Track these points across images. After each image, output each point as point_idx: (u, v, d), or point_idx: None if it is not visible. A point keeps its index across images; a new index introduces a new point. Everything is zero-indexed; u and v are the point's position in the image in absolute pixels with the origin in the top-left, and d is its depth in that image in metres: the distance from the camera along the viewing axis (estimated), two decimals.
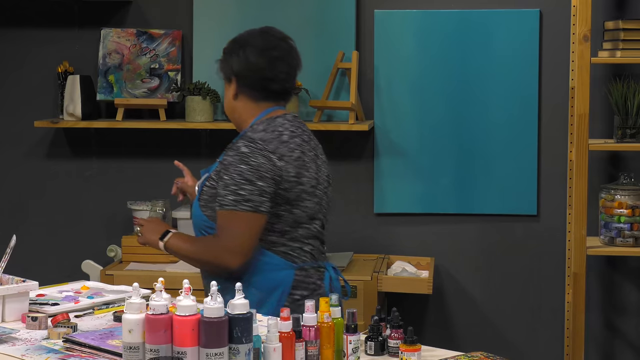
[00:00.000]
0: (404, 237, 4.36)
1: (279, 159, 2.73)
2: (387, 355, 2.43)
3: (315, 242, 2.85)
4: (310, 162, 2.82)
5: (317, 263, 2.85)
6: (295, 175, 2.75)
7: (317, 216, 2.83)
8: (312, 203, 2.80)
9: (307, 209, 2.79)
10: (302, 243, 2.81)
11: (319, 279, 2.85)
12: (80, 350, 2.40)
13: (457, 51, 4.24)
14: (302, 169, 2.77)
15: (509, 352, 4.29)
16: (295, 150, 2.78)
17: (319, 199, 2.83)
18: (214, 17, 4.33)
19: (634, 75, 4.14)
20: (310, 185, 2.80)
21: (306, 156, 2.81)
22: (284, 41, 2.88)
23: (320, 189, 2.85)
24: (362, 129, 4.11)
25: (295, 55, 2.90)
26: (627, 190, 4.01)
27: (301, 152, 2.79)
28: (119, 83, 4.33)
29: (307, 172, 2.79)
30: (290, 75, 2.87)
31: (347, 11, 4.26)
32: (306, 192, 2.78)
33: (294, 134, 2.80)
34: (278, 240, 2.78)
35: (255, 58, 2.82)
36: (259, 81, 2.83)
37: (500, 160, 4.26)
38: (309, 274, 2.83)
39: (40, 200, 4.52)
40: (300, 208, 2.78)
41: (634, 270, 4.30)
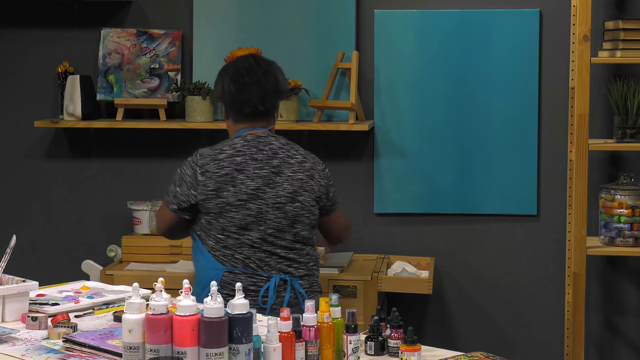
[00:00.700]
0: (404, 237, 4.36)
1: (202, 174, 3.08)
2: (387, 355, 2.43)
3: (251, 251, 3.08)
4: (250, 179, 3.07)
5: (251, 270, 3.08)
6: (214, 189, 3.06)
7: (251, 227, 3.07)
8: (240, 215, 3.06)
9: (234, 220, 3.06)
10: (233, 251, 3.08)
11: (251, 285, 3.07)
12: (80, 350, 2.40)
13: (457, 51, 4.24)
14: (227, 184, 3.06)
15: (509, 352, 4.29)
16: (225, 167, 3.08)
17: (254, 212, 3.07)
18: (214, 17, 4.33)
19: (634, 75, 4.14)
20: (238, 198, 3.06)
21: (242, 173, 3.07)
22: (259, 66, 3.19)
23: (259, 203, 3.07)
24: (362, 129, 4.11)
25: (272, 80, 3.18)
26: (627, 190, 4.01)
27: (234, 169, 3.08)
28: (119, 83, 4.33)
29: (233, 188, 3.06)
30: (265, 98, 3.16)
31: (347, 11, 4.26)
32: (230, 204, 3.06)
33: (238, 153, 3.10)
34: (215, 245, 3.10)
35: (228, 85, 3.17)
36: (232, 105, 3.18)
37: (500, 161, 4.26)
38: (238, 277, 3.06)
39: (40, 200, 4.52)
40: (226, 218, 3.07)
41: (634, 270, 4.30)
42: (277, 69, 3.23)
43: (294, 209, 3.09)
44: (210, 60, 4.32)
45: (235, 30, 4.32)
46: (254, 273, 3.07)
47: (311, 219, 3.14)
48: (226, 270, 3.08)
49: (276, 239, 3.09)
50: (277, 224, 3.08)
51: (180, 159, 3.31)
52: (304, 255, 3.15)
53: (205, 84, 4.21)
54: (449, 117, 4.27)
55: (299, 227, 3.11)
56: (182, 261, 4.08)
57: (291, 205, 3.09)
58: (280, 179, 3.09)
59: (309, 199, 3.12)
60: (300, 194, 3.10)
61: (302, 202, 3.11)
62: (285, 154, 3.13)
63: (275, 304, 3.06)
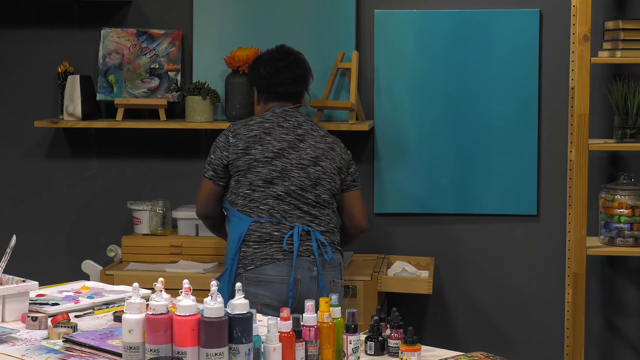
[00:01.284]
0: (404, 237, 4.36)
1: (233, 136, 3.45)
2: (387, 355, 2.43)
3: (276, 202, 3.38)
4: (276, 141, 3.43)
5: (275, 220, 3.37)
6: (243, 148, 3.42)
7: (275, 182, 3.39)
8: (266, 170, 3.39)
9: (260, 174, 3.39)
10: (259, 202, 3.39)
11: (276, 231, 3.36)
12: (80, 350, 2.40)
13: (457, 51, 4.24)
14: (255, 143, 3.42)
15: (509, 352, 4.29)
16: (254, 130, 3.45)
17: (279, 169, 3.39)
18: (214, 17, 4.33)
19: (634, 75, 4.14)
20: (264, 155, 3.40)
21: (270, 135, 3.44)
22: (291, 54, 3.64)
23: (284, 162, 3.41)
24: (362, 129, 4.12)
25: (301, 65, 3.63)
26: (627, 190, 4.01)
27: (262, 131, 3.44)
28: (119, 83, 4.33)
29: (260, 146, 3.42)
30: (296, 80, 3.59)
31: (347, 11, 4.26)
32: (258, 160, 3.40)
33: (267, 120, 3.48)
34: (243, 202, 3.40)
35: (264, 68, 3.58)
36: (268, 86, 3.57)
37: (500, 160, 4.26)
38: (263, 225, 3.37)
39: (40, 200, 4.52)
40: (253, 173, 3.40)
41: (634, 270, 4.30)
42: (305, 59, 3.67)
43: (316, 171, 3.43)
44: (210, 60, 4.32)
45: (235, 30, 4.32)
46: (278, 222, 3.37)
47: (332, 185, 3.46)
48: (252, 221, 3.37)
49: (299, 195, 3.40)
50: (300, 183, 3.40)
51: (180, 159, 3.33)
52: (324, 215, 3.44)
53: (205, 84, 4.21)
54: (448, 117, 4.27)
55: (320, 189, 3.43)
56: (182, 261, 4.09)
57: (313, 168, 3.43)
58: (304, 145, 3.45)
59: (330, 166, 3.46)
60: (322, 160, 3.45)
61: (324, 167, 3.44)
62: (310, 127, 3.51)
63: (300, 251, 3.35)
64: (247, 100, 4.15)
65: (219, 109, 4.31)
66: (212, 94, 4.19)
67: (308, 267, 3.35)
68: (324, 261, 3.37)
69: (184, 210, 4.21)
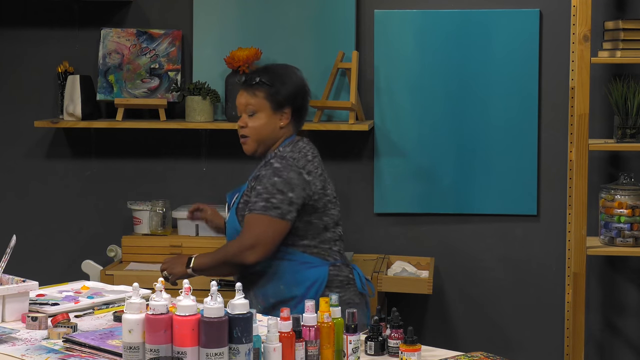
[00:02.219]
0: (404, 237, 4.36)
1: (307, 174, 3.10)
2: (387, 355, 2.43)
3: (341, 244, 3.21)
4: (328, 177, 3.20)
5: (346, 261, 3.21)
6: (321, 188, 3.13)
7: (339, 222, 3.21)
8: (335, 211, 3.18)
9: (333, 216, 3.17)
10: (331, 244, 3.16)
11: (350, 273, 3.18)
12: (80, 350, 2.40)
13: (457, 51, 4.24)
14: (325, 182, 3.15)
15: (509, 352, 4.29)
16: (318, 167, 3.16)
17: (339, 207, 3.22)
18: (214, 17, 4.33)
19: (634, 75, 4.14)
20: (333, 196, 3.18)
21: (325, 173, 3.19)
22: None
23: (337, 199, 3.22)
24: (362, 129, 4.11)
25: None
26: (627, 190, 4.01)
27: (322, 169, 3.18)
28: (119, 83, 4.33)
29: (329, 186, 3.17)
30: None
31: (347, 11, 4.25)
32: (331, 202, 3.16)
33: (314, 155, 3.18)
34: (310, 243, 3.12)
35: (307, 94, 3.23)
36: (305, 112, 3.25)
37: (500, 160, 4.26)
38: (341, 269, 3.15)
39: (40, 200, 4.52)
40: (328, 216, 3.15)
41: (634, 270, 4.30)
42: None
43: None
44: (210, 60, 4.32)
45: (235, 30, 4.32)
46: (347, 264, 3.20)
47: None
48: (330, 265, 3.13)
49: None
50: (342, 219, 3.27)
51: (180, 159, 3.32)
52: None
53: (205, 84, 4.21)
54: (449, 117, 4.27)
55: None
56: None
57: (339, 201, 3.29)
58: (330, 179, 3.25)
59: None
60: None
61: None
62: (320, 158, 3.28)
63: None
64: None
65: (219, 109, 4.31)
66: (212, 94, 4.19)
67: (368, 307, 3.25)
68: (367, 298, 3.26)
69: (184, 210, 4.21)
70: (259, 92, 3.14)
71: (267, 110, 3.15)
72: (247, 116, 3.16)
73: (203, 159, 4.40)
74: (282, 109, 3.15)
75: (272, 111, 3.15)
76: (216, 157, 4.39)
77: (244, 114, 3.17)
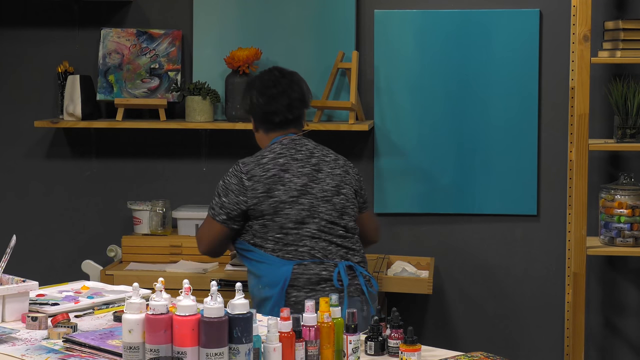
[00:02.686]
0: (404, 237, 4.36)
1: (248, 179, 3.22)
2: (387, 355, 2.43)
3: (313, 242, 3.21)
4: (296, 177, 3.23)
5: (318, 260, 3.20)
6: (264, 191, 3.20)
7: (307, 221, 3.21)
8: (294, 210, 3.20)
9: (290, 216, 3.20)
10: (296, 246, 3.20)
11: (323, 270, 3.20)
12: (80, 350, 2.40)
13: (457, 51, 4.24)
14: (275, 184, 3.21)
15: (509, 352, 4.29)
16: (270, 170, 3.23)
17: (307, 206, 3.22)
18: (214, 17, 4.33)
19: (634, 75, 4.14)
20: (289, 195, 3.20)
21: (288, 172, 3.23)
22: (283, 77, 3.38)
23: (310, 198, 3.23)
24: (362, 129, 4.11)
25: (296, 88, 3.37)
26: (627, 190, 4.01)
27: (279, 170, 3.23)
28: (119, 83, 4.33)
29: (282, 186, 3.21)
30: (293, 106, 3.34)
31: (347, 11, 4.25)
32: (284, 202, 3.20)
33: (279, 155, 3.26)
34: (275, 246, 3.21)
35: (257, 98, 3.34)
36: (263, 116, 3.34)
37: (500, 160, 4.26)
38: (308, 267, 3.19)
39: (40, 200, 4.52)
40: (282, 216, 3.20)
41: (634, 270, 4.30)
42: (300, 79, 3.43)
43: (340, 201, 3.28)
44: (210, 60, 4.32)
45: (235, 30, 4.32)
46: (322, 262, 3.21)
47: (355, 211, 3.34)
48: (295, 264, 3.19)
49: (331, 229, 3.25)
50: (329, 216, 3.25)
51: (180, 159, 3.33)
52: (355, 243, 3.32)
53: (205, 84, 4.21)
54: (449, 117, 4.27)
55: (347, 218, 3.30)
56: (182, 261, 4.09)
57: (337, 198, 3.28)
58: (322, 175, 3.28)
59: (350, 191, 3.32)
60: (343, 187, 3.31)
61: (346, 195, 3.31)
62: (320, 153, 3.34)
63: (351, 291, 3.22)
64: None
65: (219, 109, 4.31)
66: (212, 94, 4.19)
67: (360, 308, 3.22)
68: (371, 297, 3.26)
69: (184, 210, 4.21)
70: None
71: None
72: None
73: (203, 159, 4.40)
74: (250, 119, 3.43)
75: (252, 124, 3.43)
76: (216, 157, 4.39)
77: None
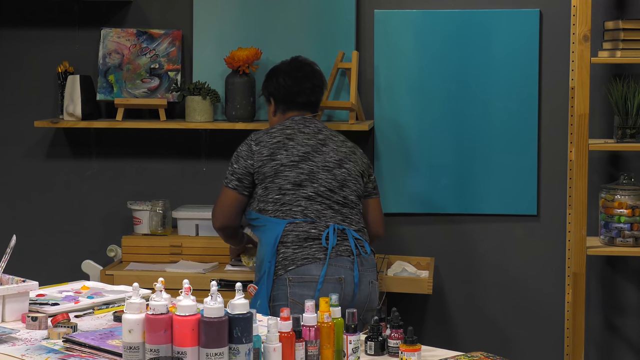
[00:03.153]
0: (404, 237, 4.36)
1: (256, 144, 3.47)
2: (387, 355, 2.43)
3: (308, 203, 3.39)
4: (300, 145, 3.46)
5: (310, 219, 3.37)
6: (268, 155, 3.44)
7: (305, 184, 3.40)
8: (294, 173, 3.41)
9: (289, 178, 3.40)
10: (291, 205, 3.39)
11: (312, 229, 3.37)
12: (80, 350, 2.40)
13: (457, 51, 4.24)
14: (279, 149, 3.44)
15: (509, 352, 4.29)
16: (276, 137, 3.48)
17: (306, 171, 3.41)
18: (214, 17, 4.33)
19: (634, 75, 4.14)
20: (290, 160, 3.42)
21: (293, 141, 3.47)
22: (307, 65, 3.69)
23: (310, 164, 3.43)
24: (362, 129, 4.12)
25: (318, 77, 3.68)
26: (627, 190, 4.01)
27: (285, 137, 3.47)
28: (119, 83, 4.33)
29: (285, 151, 3.44)
30: (314, 91, 3.64)
31: (347, 11, 4.25)
32: (284, 165, 3.42)
33: (287, 127, 3.52)
34: (274, 207, 3.40)
35: (283, 79, 3.62)
36: (287, 96, 3.61)
37: (500, 160, 4.26)
38: (299, 226, 3.37)
39: (40, 200, 4.52)
40: (281, 178, 3.41)
41: (634, 270, 4.30)
42: (320, 70, 3.72)
43: (342, 173, 3.46)
44: (210, 60, 4.32)
45: (235, 30, 4.32)
46: (313, 221, 3.37)
47: (357, 187, 3.50)
48: (287, 222, 3.37)
49: (329, 195, 3.42)
50: (328, 184, 3.43)
51: (180, 159, 3.33)
52: (354, 215, 3.46)
53: (205, 84, 4.21)
54: (448, 117, 4.27)
55: (347, 190, 3.46)
56: (182, 261, 4.09)
57: (338, 170, 3.46)
58: (327, 149, 3.49)
59: (354, 168, 3.50)
60: (346, 162, 3.49)
61: (348, 170, 3.48)
62: (329, 132, 3.56)
63: (340, 250, 3.35)
64: (247, 100, 4.16)
65: (219, 109, 4.31)
66: (212, 94, 4.19)
67: (350, 267, 3.34)
68: (363, 261, 3.38)
69: (184, 210, 4.21)
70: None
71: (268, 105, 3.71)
72: None
73: (203, 159, 4.40)
74: (268, 101, 3.68)
75: (268, 105, 3.70)
76: (216, 157, 4.39)
77: None
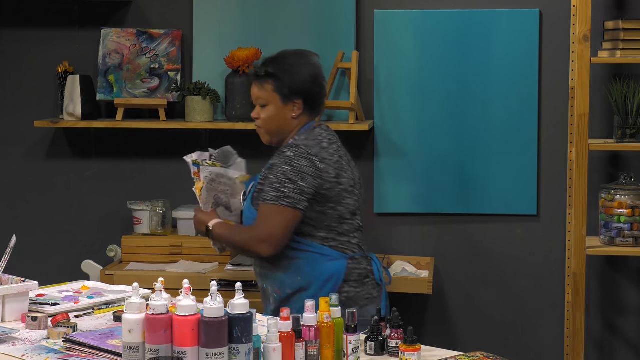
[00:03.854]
0: (404, 237, 4.36)
1: (320, 161, 3.04)
2: (387, 355, 2.43)
3: (360, 234, 3.15)
4: (347, 165, 3.13)
5: (364, 253, 3.15)
6: (335, 176, 3.06)
7: (357, 212, 3.14)
8: (352, 200, 3.11)
9: (349, 206, 3.10)
10: (349, 237, 3.11)
11: (368, 265, 3.13)
12: (80, 350, 2.40)
13: (457, 51, 4.24)
14: (341, 170, 3.08)
15: (509, 352, 4.29)
16: (334, 155, 3.09)
17: (357, 197, 3.15)
18: (214, 17, 4.33)
19: (634, 75, 4.14)
20: (349, 185, 3.10)
21: (343, 160, 3.12)
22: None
23: (357, 188, 3.16)
24: (362, 129, 4.12)
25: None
26: (627, 190, 4.01)
27: (339, 156, 3.11)
28: (119, 83, 4.33)
29: (345, 174, 3.09)
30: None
31: (347, 11, 4.26)
32: (346, 190, 3.09)
33: (331, 141, 3.12)
34: (328, 235, 3.08)
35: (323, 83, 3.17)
36: (320, 100, 3.17)
37: (500, 160, 4.26)
38: (359, 262, 3.11)
39: (40, 200, 4.52)
40: (343, 205, 3.08)
41: (634, 270, 4.30)
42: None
43: (360, 193, 3.22)
44: (210, 60, 4.32)
45: (235, 30, 4.32)
46: (365, 256, 3.15)
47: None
48: (348, 258, 3.08)
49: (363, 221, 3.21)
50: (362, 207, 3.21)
51: (180, 159, 3.32)
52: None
53: (205, 84, 4.21)
54: (449, 117, 4.27)
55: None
56: (182, 261, 4.09)
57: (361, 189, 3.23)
58: (353, 166, 3.20)
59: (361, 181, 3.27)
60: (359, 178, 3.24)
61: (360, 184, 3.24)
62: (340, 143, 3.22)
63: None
64: (247, 100, 4.15)
65: (219, 109, 4.31)
66: (212, 94, 4.19)
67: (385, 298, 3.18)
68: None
69: (184, 210, 4.21)
70: (267, 84, 3.11)
71: (277, 102, 3.11)
72: (259, 107, 3.14)
73: None
74: (291, 100, 3.11)
75: (281, 103, 3.11)
76: None
77: (257, 105, 3.16)
